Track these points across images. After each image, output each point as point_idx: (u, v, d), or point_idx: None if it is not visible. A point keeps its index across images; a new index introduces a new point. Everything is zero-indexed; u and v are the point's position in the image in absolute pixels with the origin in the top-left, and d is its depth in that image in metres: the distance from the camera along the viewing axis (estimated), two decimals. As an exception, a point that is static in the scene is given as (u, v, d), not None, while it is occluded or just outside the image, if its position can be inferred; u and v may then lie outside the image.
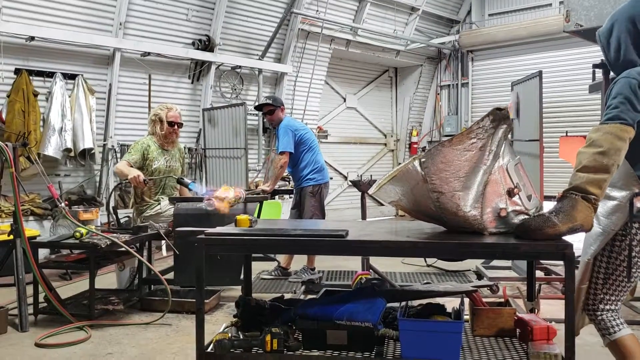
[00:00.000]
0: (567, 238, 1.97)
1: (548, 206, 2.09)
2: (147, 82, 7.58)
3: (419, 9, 10.45)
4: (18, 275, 3.92)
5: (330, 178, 5.79)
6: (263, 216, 6.08)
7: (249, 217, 2.42)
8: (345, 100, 10.88)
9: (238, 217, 2.42)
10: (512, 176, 2.08)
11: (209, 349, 2.21)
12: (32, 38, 6.44)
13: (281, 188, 5.82)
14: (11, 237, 4.03)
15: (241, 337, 2.28)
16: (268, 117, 5.63)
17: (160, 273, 4.26)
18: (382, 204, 10.21)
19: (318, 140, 6.03)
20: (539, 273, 5.09)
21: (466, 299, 2.40)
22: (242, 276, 3.57)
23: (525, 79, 5.17)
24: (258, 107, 5.86)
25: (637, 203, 2.12)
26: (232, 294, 4.68)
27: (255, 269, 5.08)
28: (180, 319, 4.13)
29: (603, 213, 2.19)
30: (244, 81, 8.62)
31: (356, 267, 5.19)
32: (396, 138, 11.74)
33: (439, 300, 2.49)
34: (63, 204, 4.33)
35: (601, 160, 1.97)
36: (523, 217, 2.05)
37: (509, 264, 5.54)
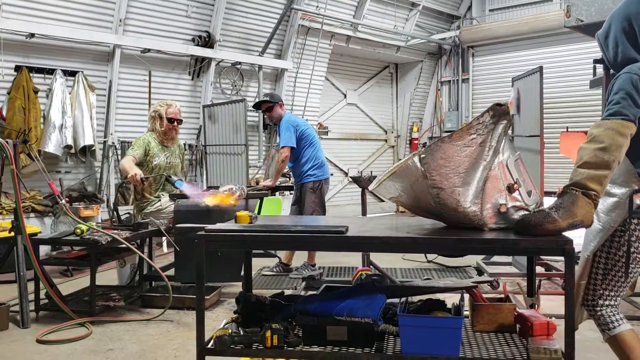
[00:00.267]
0: (568, 234, 1.97)
1: (548, 202, 2.09)
2: (147, 79, 7.58)
3: (420, 5, 10.43)
4: (19, 271, 3.94)
5: (330, 174, 5.79)
6: (264, 212, 6.09)
7: (249, 214, 2.41)
8: (345, 96, 10.86)
9: (238, 214, 2.42)
10: (512, 172, 2.07)
11: (210, 345, 2.22)
12: (32, 35, 6.44)
13: (282, 184, 5.81)
14: (12, 234, 4.04)
15: (241, 333, 2.28)
16: (268, 115, 5.60)
17: (160, 269, 4.28)
18: (383, 200, 10.21)
19: (318, 136, 6.01)
20: (540, 269, 5.10)
21: (466, 295, 2.40)
22: (243, 272, 3.58)
23: (525, 75, 5.16)
24: (256, 106, 5.80)
25: (637, 200, 2.12)
26: (233, 290, 4.69)
27: (255, 266, 5.09)
28: (181, 315, 4.14)
29: (603, 210, 2.19)
30: (244, 77, 8.62)
31: (357, 263, 5.20)
32: (397, 134, 11.73)
33: (439, 296, 2.49)
34: (64, 201, 4.34)
35: (602, 156, 1.97)
36: (523, 213, 2.05)
37: (510, 260, 5.55)
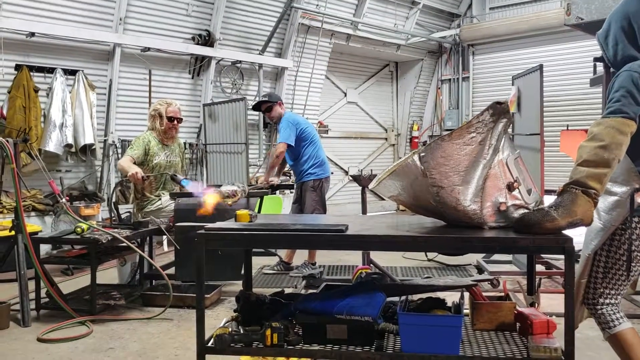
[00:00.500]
0: (568, 232, 1.97)
1: (549, 200, 2.08)
2: (148, 78, 7.58)
3: (420, 3, 10.41)
4: (20, 270, 3.94)
5: (331, 173, 5.79)
6: (264, 211, 6.09)
7: (249, 212, 2.41)
8: (346, 94, 10.86)
9: (238, 212, 2.41)
10: (512, 170, 2.07)
11: (210, 344, 2.22)
12: (33, 34, 6.44)
13: (282, 183, 5.80)
14: (13, 233, 4.05)
15: (241, 332, 2.28)
16: (268, 115, 5.60)
17: (161, 268, 4.28)
18: (383, 199, 10.20)
19: (319, 135, 6.01)
20: (540, 267, 5.10)
21: (466, 293, 2.40)
22: (243, 271, 3.58)
23: (526, 73, 5.15)
24: (256, 107, 5.77)
25: (638, 198, 2.12)
26: (233, 289, 4.69)
27: (256, 264, 5.10)
28: (181, 314, 4.14)
29: (604, 209, 2.19)
30: (245, 76, 8.61)
31: (357, 262, 5.20)
32: (397, 132, 11.73)
33: (439, 294, 2.49)
34: (64, 200, 4.34)
35: (602, 154, 1.96)
36: (523, 212, 2.05)
37: (510, 258, 5.55)
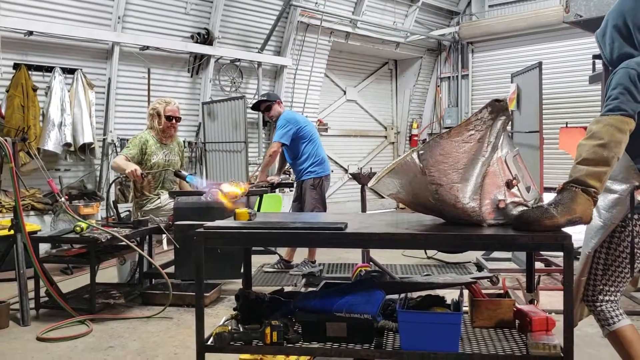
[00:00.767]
0: (567, 229, 1.97)
1: (548, 198, 2.08)
2: (147, 76, 7.56)
3: (419, 1, 10.39)
4: (19, 270, 3.94)
5: (331, 171, 5.79)
6: (264, 209, 6.09)
7: (248, 211, 2.42)
8: (345, 93, 10.85)
9: (237, 211, 2.42)
10: (511, 168, 2.07)
11: (209, 342, 2.22)
12: (31, 33, 6.42)
13: (282, 181, 5.80)
14: (12, 232, 4.04)
15: (241, 330, 2.28)
16: (267, 114, 5.61)
17: (160, 267, 4.28)
18: (383, 197, 10.19)
19: (318, 133, 6.01)
20: (540, 265, 5.10)
21: (465, 291, 2.40)
22: (243, 269, 3.58)
23: (525, 70, 5.15)
24: (255, 107, 5.78)
25: (638, 196, 2.11)
26: (233, 287, 4.69)
27: (256, 263, 5.10)
28: (181, 313, 4.14)
29: (604, 206, 2.18)
30: (244, 74, 8.60)
31: (357, 260, 5.20)
32: (396, 130, 11.72)
33: (439, 292, 2.50)
34: (63, 199, 4.33)
35: (601, 152, 1.96)
36: (522, 209, 2.05)
37: (509, 256, 5.55)
